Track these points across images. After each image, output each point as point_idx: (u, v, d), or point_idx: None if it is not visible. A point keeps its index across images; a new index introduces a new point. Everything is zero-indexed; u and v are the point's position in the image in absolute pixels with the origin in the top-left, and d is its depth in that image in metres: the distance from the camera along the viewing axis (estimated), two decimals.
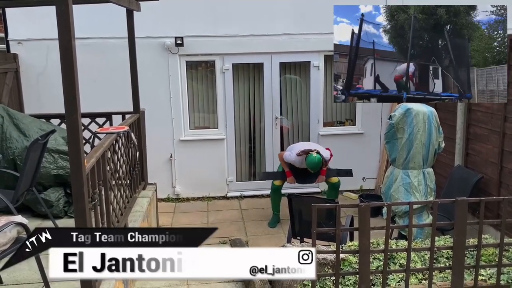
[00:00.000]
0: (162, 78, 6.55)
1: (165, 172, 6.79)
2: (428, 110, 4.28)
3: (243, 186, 7.06)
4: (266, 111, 6.88)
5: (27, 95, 6.35)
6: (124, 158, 4.55)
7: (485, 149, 4.93)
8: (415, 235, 4.26)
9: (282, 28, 6.55)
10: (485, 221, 3.26)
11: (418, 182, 4.29)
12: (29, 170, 3.96)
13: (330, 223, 3.32)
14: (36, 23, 6.04)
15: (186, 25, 6.44)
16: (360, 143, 7.03)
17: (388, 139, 4.40)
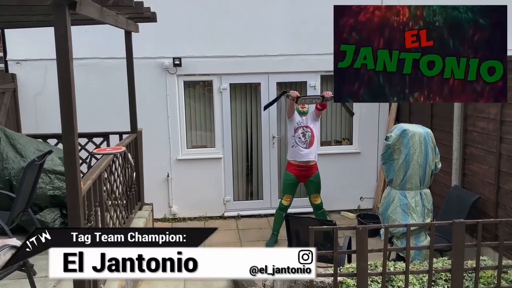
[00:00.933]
0: (160, 98, 6.58)
1: (162, 192, 6.76)
2: (424, 131, 4.31)
3: (240, 206, 7.03)
4: (263, 130, 6.90)
5: (24, 115, 6.35)
6: (121, 179, 4.53)
7: (482, 169, 4.94)
8: (413, 257, 4.23)
9: (279, 49, 6.61)
10: (483, 243, 3.25)
11: (415, 203, 4.28)
12: (25, 191, 3.95)
13: (328, 246, 3.30)
14: (35, 43, 6.08)
15: (184, 46, 6.50)
16: (358, 162, 7.04)
17: (385, 160, 4.41)
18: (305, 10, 6.53)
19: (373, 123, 6.99)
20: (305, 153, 5.80)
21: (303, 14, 6.56)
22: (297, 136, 5.82)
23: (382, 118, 6.98)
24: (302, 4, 6.54)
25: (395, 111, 6.77)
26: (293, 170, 5.88)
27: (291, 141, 5.88)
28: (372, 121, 6.98)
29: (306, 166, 5.85)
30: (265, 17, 6.56)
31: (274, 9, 6.57)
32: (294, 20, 6.59)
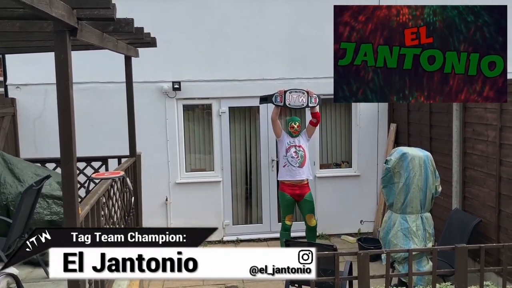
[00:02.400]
0: (159, 121, 6.60)
1: (160, 216, 6.70)
2: (424, 154, 4.30)
3: (240, 230, 6.96)
4: (263, 153, 6.89)
5: (23, 139, 6.35)
6: (119, 204, 4.50)
7: (482, 192, 4.91)
8: (416, 282, 4.17)
9: (277, 73, 6.67)
10: (486, 268, 3.21)
11: (416, 227, 4.25)
12: (22, 216, 3.90)
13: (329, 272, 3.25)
14: (35, 68, 6.11)
15: (183, 70, 6.55)
16: (357, 185, 7.01)
17: (385, 184, 4.39)
18: (303, 34, 6.62)
19: (372, 146, 6.99)
20: (298, 172, 5.83)
21: (301, 38, 6.64)
22: (289, 156, 5.84)
23: (381, 141, 6.99)
24: (300, 29, 6.63)
25: (394, 133, 6.79)
26: (287, 189, 5.88)
27: (283, 161, 5.90)
28: (371, 144, 6.99)
29: (299, 185, 5.85)
30: (263, 41, 6.64)
31: (273, 33, 6.64)
32: (293, 44, 6.66)
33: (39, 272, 4.17)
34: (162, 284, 5.43)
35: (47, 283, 4.01)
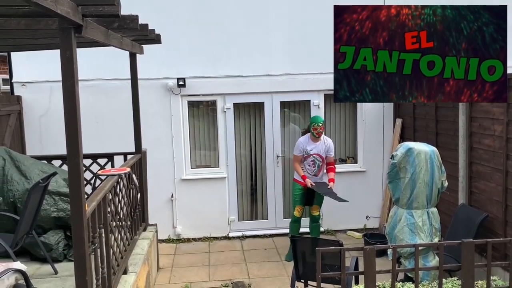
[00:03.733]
0: (164, 118, 6.61)
1: (166, 212, 6.73)
2: (430, 149, 4.27)
3: (245, 226, 6.97)
4: (268, 149, 6.89)
5: (29, 136, 6.39)
6: (125, 200, 4.51)
7: (489, 187, 4.89)
8: (422, 277, 4.16)
9: (281, 69, 6.66)
10: (493, 263, 3.19)
11: (422, 222, 4.23)
12: (29, 213, 3.93)
13: (335, 268, 3.25)
14: (40, 66, 6.15)
15: (188, 67, 6.55)
16: (363, 181, 7.00)
17: (390, 179, 4.37)
18: (306, 29, 6.59)
19: (378, 141, 6.97)
20: (312, 178, 5.90)
21: (305, 33, 6.62)
22: (306, 164, 5.89)
23: (386, 136, 6.97)
24: (303, 24, 6.61)
25: (399, 128, 6.76)
26: (301, 182, 5.93)
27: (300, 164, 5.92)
28: (376, 139, 6.97)
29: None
30: (267, 37, 6.62)
31: (276, 28, 6.63)
32: (297, 39, 6.64)
33: (46, 269, 4.21)
34: (168, 279, 5.47)
35: (55, 279, 4.04)
